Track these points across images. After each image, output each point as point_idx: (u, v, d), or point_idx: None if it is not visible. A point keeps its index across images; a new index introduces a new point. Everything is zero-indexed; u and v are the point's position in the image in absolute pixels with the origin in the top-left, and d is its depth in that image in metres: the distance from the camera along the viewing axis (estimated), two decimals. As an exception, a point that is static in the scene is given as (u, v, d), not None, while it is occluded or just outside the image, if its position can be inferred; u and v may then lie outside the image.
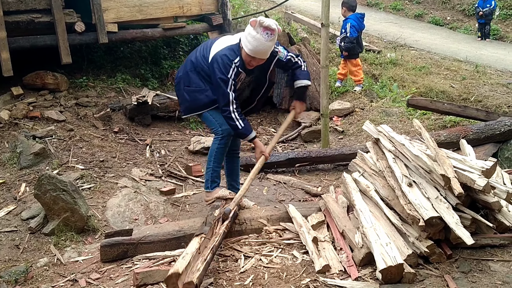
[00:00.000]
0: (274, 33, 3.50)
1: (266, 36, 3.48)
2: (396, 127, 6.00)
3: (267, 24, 3.46)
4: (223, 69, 3.63)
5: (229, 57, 3.62)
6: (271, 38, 3.51)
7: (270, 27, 3.47)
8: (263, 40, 3.49)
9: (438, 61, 9.56)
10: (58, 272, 3.59)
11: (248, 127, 3.88)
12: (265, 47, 3.56)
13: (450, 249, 3.26)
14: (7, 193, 4.63)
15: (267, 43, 3.52)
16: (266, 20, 3.49)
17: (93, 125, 6.11)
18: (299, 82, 4.02)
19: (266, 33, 3.47)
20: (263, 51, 3.59)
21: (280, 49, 3.87)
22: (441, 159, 3.37)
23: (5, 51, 5.99)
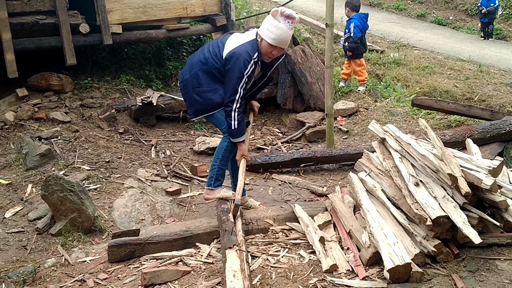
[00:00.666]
0: (295, 21, 3.62)
1: (288, 25, 3.58)
2: (401, 127, 6.00)
3: (288, 13, 3.57)
4: (242, 65, 3.66)
5: (250, 53, 3.67)
6: (292, 26, 3.63)
7: (291, 15, 3.58)
8: (286, 28, 3.58)
9: (442, 60, 9.54)
10: (66, 273, 3.60)
11: (241, 130, 3.85)
12: (287, 35, 3.64)
13: (457, 248, 3.26)
14: (13, 194, 4.64)
15: (289, 31, 3.62)
16: (286, 10, 3.60)
17: (98, 126, 6.13)
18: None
19: (287, 22, 3.57)
20: (285, 39, 3.67)
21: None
22: (448, 158, 3.38)
23: (10, 53, 6.02)
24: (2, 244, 4.00)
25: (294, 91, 7.02)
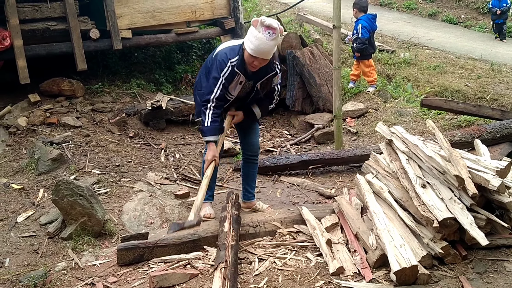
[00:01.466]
0: (276, 32, 3.49)
1: (268, 35, 3.47)
2: (410, 128, 5.97)
3: (268, 23, 3.45)
4: (219, 67, 3.66)
5: (227, 55, 3.64)
6: (273, 37, 3.49)
7: (272, 26, 3.46)
8: (265, 39, 3.48)
9: (453, 60, 9.47)
10: (76, 276, 3.64)
11: (212, 130, 3.74)
12: (267, 46, 3.53)
13: (465, 250, 3.24)
14: (25, 199, 4.71)
15: (269, 42, 3.51)
16: (267, 19, 3.48)
17: (109, 130, 6.19)
18: (254, 107, 4.02)
19: (267, 32, 3.46)
20: (265, 50, 3.56)
21: (279, 75, 3.86)
22: (455, 159, 3.36)
23: (21, 59, 6.11)
24: (14, 248, 4.07)
25: (303, 93, 7.02)
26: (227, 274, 3.00)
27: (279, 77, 3.85)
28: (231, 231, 3.51)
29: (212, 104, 3.69)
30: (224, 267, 3.09)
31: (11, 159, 5.33)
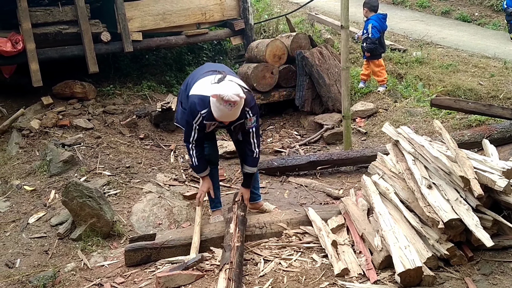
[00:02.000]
0: (236, 103, 3.49)
1: (229, 107, 3.49)
2: (420, 128, 5.93)
3: (227, 98, 3.44)
4: (191, 115, 3.73)
5: (196, 107, 3.67)
6: (234, 107, 3.51)
7: (230, 100, 3.45)
8: (227, 110, 3.52)
9: (466, 58, 9.35)
10: (85, 277, 3.70)
11: (201, 167, 3.99)
12: (230, 114, 3.58)
13: (471, 251, 3.23)
14: (37, 200, 4.79)
15: (230, 112, 3.55)
16: (226, 95, 3.44)
17: (119, 132, 6.26)
18: (245, 168, 4.06)
19: (228, 105, 3.48)
20: (229, 117, 3.63)
21: (252, 118, 3.81)
22: (461, 160, 3.34)
23: (34, 63, 6.21)
24: (25, 249, 4.15)
25: (312, 93, 7.01)
26: (231, 275, 3.02)
27: (253, 119, 3.81)
28: (237, 232, 3.53)
29: (193, 145, 3.87)
30: (229, 268, 3.11)
31: (24, 161, 5.42)
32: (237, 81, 3.78)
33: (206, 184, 4.10)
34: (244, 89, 3.68)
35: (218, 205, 4.38)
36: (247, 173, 4.06)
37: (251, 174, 4.07)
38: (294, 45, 7.25)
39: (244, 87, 3.73)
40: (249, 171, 4.04)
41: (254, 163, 4.01)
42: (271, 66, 7.13)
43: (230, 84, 3.56)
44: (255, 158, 3.96)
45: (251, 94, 3.87)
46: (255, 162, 4.00)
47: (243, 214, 3.86)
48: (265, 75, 7.10)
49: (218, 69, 3.90)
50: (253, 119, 3.82)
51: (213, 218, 4.29)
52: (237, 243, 3.41)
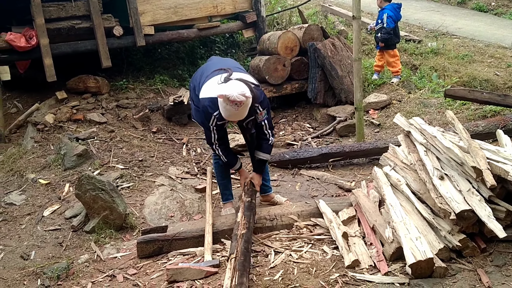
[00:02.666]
0: (242, 103, 3.50)
1: (236, 107, 3.51)
2: (434, 119, 5.86)
3: (233, 98, 3.46)
4: (205, 118, 3.77)
5: (209, 110, 3.70)
6: (240, 107, 3.53)
7: (236, 101, 3.47)
8: (234, 110, 3.55)
9: (482, 48, 9.20)
10: (98, 268, 3.75)
11: (232, 160, 4.06)
12: (237, 114, 3.61)
13: (484, 242, 3.19)
14: (52, 193, 4.86)
15: (237, 112, 3.57)
16: (231, 95, 3.46)
17: (132, 126, 6.30)
18: (258, 154, 4.08)
19: (235, 104, 3.50)
20: (237, 116, 3.66)
21: (263, 112, 3.82)
22: (474, 150, 3.29)
23: (48, 57, 6.27)
24: (40, 241, 4.21)
25: (324, 85, 6.96)
26: (236, 264, 3.01)
27: (264, 113, 3.82)
28: (243, 220, 3.52)
29: (217, 145, 3.94)
30: (234, 257, 3.11)
31: (39, 155, 5.49)
32: (245, 77, 3.77)
33: (243, 174, 4.18)
34: (251, 84, 3.68)
35: (230, 198, 4.39)
36: (260, 159, 4.09)
37: (265, 161, 4.11)
38: (306, 36, 7.21)
39: (252, 83, 3.72)
40: (263, 157, 4.07)
41: (269, 150, 4.05)
42: (283, 59, 7.10)
43: (235, 84, 3.56)
44: (270, 145, 4.01)
45: (259, 88, 3.85)
46: (269, 148, 4.05)
47: (250, 199, 3.86)
48: (277, 67, 7.08)
49: (224, 67, 3.88)
50: (264, 113, 3.84)
51: (224, 210, 4.30)
52: (242, 230, 3.40)
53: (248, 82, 3.67)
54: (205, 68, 4.11)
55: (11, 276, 3.76)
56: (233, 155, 4.11)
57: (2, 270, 3.87)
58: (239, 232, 3.36)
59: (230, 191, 4.39)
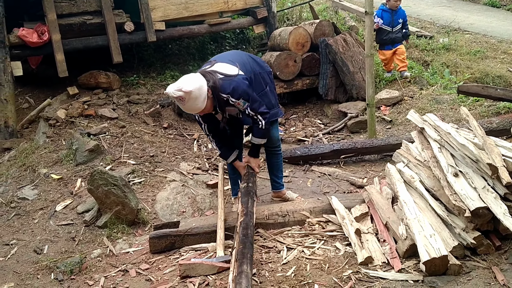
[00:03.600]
0: (182, 96, 3.46)
1: (183, 102, 3.52)
2: (447, 115, 5.81)
3: (170, 95, 3.50)
4: None
5: None
6: (184, 103, 3.51)
7: (173, 96, 3.50)
8: (182, 105, 3.58)
9: (495, 44, 9.12)
10: (110, 263, 3.77)
11: (225, 153, 4.13)
12: (187, 108, 3.61)
13: (499, 240, 3.16)
14: (64, 188, 4.88)
15: (185, 106, 3.57)
16: (171, 92, 3.48)
17: (144, 122, 6.32)
18: (251, 139, 4.10)
19: (180, 101, 3.52)
20: (190, 110, 3.66)
21: (240, 102, 3.72)
22: (489, 147, 3.26)
23: (60, 53, 6.29)
24: (53, 236, 4.24)
25: (336, 81, 6.93)
26: (235, 253, 3.00)
27: (241, 103, 3.73)
28: (241, 207, 3.52)
29: (210, 136, 4.06)
30: (234, 248, 3.10)
31: (51, 150, 5.52)
32: (221, 68, 3.71)
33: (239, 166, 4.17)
34: (219, 75, 3.63)
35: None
36: (253, 143, 4.10)
37: (257, 145, 4.09)
38: (317, 32, 7.17)
39: (222, 74, 3.66)
40: (254, 142, 4.07)
41: (259, 134, 3.99)
42: (294, 54, 7.07)
43: (182, 78, 3.57)
44: (260, 129, 3.93)
45: (231, 78, 3.69)
46: (260, 133, 3.98)
47: (246, 184, 3.85)
48: (288, 63, 7.05)
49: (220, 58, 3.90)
50: (241, 103, 3.73)
51: (235, 206, 4.28)
52: (240, 218, 3.39)
53: (214, 73, 3.64)
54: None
55: (25, 270, 3.79)
56: (227, 149, 4.11)
57: (16, 264, 3.90)
58: (238, 221, 3.35)
59: (237, 184, 4.37)
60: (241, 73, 3.75)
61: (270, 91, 4.11)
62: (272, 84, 4.20)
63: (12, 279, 3.67)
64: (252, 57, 4.18)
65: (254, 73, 3.94)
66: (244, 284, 2.64)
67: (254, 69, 3.97)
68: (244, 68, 3.84)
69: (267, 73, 4.14)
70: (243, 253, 2.98)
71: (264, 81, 4.05)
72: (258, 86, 3.97)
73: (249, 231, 3.24)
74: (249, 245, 3.10)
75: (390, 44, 7.21)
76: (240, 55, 4.13)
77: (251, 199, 3.67)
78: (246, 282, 2.66)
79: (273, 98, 4.14)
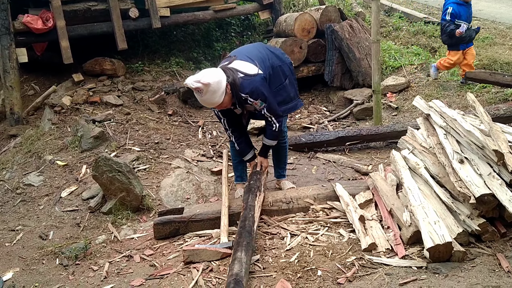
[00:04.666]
0: (202, 89, 3.45)
1: (200, 94, 3.50)
2: (453, 102, 5.76)
3: (189, 85, 3.47)
4: None
5: None
6: (202, 94, 3.49)
7: (192, 87, 3.46)
8: (199, 97, 3.55)
9: (503, 31, 8.98)
10: (115, 249, 3.79)
11: (244, 149, 4.11)
12: (204, 101, 3.58)
13: (504, 227, 3.13)
14: (69, 175, 4.90)
15: (203, 98, 3.54)
16: (190, 83, 3.45)
17: (148, 109, 6.31)
18: (264, 140, 4.10)
19: (198, 92, 3.49)
20: (207, 103, 3.62)
21: (257, 102, 3.72)
22: (495, 134, 3.22)
23: (64, 40, 6.26)
24: (58, 222, 4.27)
25: (342, 68, 6.88)
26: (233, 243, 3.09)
27: (258, 103, 3.73)
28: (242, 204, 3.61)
29: (230, 131, 4.02)
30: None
31: (56, 136, 5.53)
32: (240, 66, 3.70)
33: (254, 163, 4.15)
34: (240, 74, 3.63)
35: (238, 179, 4.41)
36: (265, 144, 4.09)
37: (268, 146, 4.10)
38: (323, 18, 7.10)
39: (242, 73, 3.66)
40: (265, 143, 4.08)
41: (271, 136, 4.01)
42: (300, 41, 7.02)
43: (202, 72, 3.56)
44: (273, 131, 3.95)
45: (251, 78, 3.69)
46: (273, 135, 4.00)
47: (249, 182, 3.91)
48: (293, 49, 6.99)
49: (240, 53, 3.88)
50: (259, 103, 3.74)
51: (236, 192, 4.30)
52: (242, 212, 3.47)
53: (235, 70, 3.64)
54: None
55: (30, 256, 3.82)
56: (247, 145, 4.10)
57: (21, 249, 3.93)
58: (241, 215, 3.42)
59: (240, 173, 4.39)
60: (260, 72, 3.74)
61: (290, 83, 4.09)
62: (293, 75, 4.18)
63: (17, 264, 3.70)
64: (271, 50, 4.14)
65: (272, 67, 3.91)
66: (236, 269, 2.76)
67: (273, 63, 3.94)
68: (263, 65, 3.82)
69: (288, 65, 4.11)
70: (238, 242, 3.08)
71: (284, 74, 4.02)
72: (277, 80, 3.95)
73: (247, 222, 3.31)
74: (246, 234, 3.16)
75: (467, 43, 6.18)
76: (259, 49, 4.07)
77: (252, 194, 3.70)
78: (238, 266, 2.79)
79: (293, 90, 4.12)
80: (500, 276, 2.75)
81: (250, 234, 3.18)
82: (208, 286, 2.97)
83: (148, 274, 3.25)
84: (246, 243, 3.05)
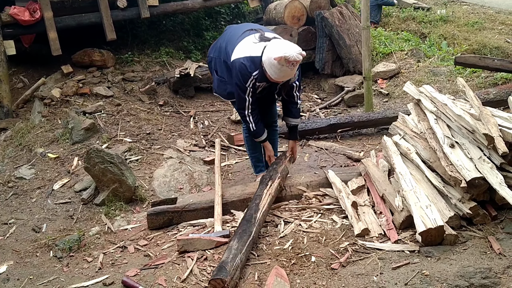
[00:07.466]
0: (299, 61, 3.42)
1: (292, 67, 3.42)
2: (444, 87, 5.79)
3: (293, 59, 3.36)
4: (242, 78, 3.60)
5: (248, 69, 3.56)
6: (296, 66, 3.45)
7: (296, 60, 3.38)
8: (289, 70, 3.45)
9: (493, 15, 9.04)
10: (109, 240, 3.78)
11: (260, 130, 3.92)
12: (290, 74, 3.52)
13: (495, 210, 3.17)
14: (61, 167, 4.87)
15: (292, 72, 3.49)
16: (291, 55, 3.35)
17: (139, 99, 6.28)
18: (290, 120, 4.02)
19: (291, 65, 3.41)
20: (288, 76, 3.56)
21: (296, 73, 3.72)
22: (485, 117, 3.24)
23: (52, 31, 6.19)
24: (51, 214, 4.25)
25: (332, 55, 6.87)
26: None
27: (297, 74, 3.74)
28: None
29: (249, 111, 3.78)
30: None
31: (47, 129, 5.49)
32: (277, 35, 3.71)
33: (268, 147, 4.08)
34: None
35: (263, 169, 4.32)
36: (292, 125, 4.05)
37: (296, 126, 4.07)
38: (313, 5, 7.08)
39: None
40: (294, 122, 4.03)
41: (298, 114, 4.01)
42: (290, 28, 6.99)
43: (284, 44, 3.46)
44: (298, 109, 3.97)
45: None
46: (298, 112, 4.00)
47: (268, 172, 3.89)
48: (284, 37, 6.95)
49: (254, 28, 3.81)
50: (297, 73, 3.74)
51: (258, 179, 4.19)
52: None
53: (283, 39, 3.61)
54: (230, 34, 3.93)
55: (24, 248, 3.80)
56: (262, 126, 3.96)
57: (15, 242, 3.92)
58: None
59: (263, 163, 4.33)
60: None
61: None
62: None
63: (11, 257, 3.69)
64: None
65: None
66: (224, 257, 2.87)
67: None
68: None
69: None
70: (236, 231, 3.15)
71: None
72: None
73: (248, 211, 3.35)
74: (244, 222, 3.22)
75: None
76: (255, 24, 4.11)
77: (262, 184, 3.69)
78: (227, 254, 2.89)
79: None
80: (491, 258, 2.79)
81: (249, 222, 3.20)
82: (203, 274, 2.98)
83: (143, 264, 3.25)
84: (242, 231, 3.08)
